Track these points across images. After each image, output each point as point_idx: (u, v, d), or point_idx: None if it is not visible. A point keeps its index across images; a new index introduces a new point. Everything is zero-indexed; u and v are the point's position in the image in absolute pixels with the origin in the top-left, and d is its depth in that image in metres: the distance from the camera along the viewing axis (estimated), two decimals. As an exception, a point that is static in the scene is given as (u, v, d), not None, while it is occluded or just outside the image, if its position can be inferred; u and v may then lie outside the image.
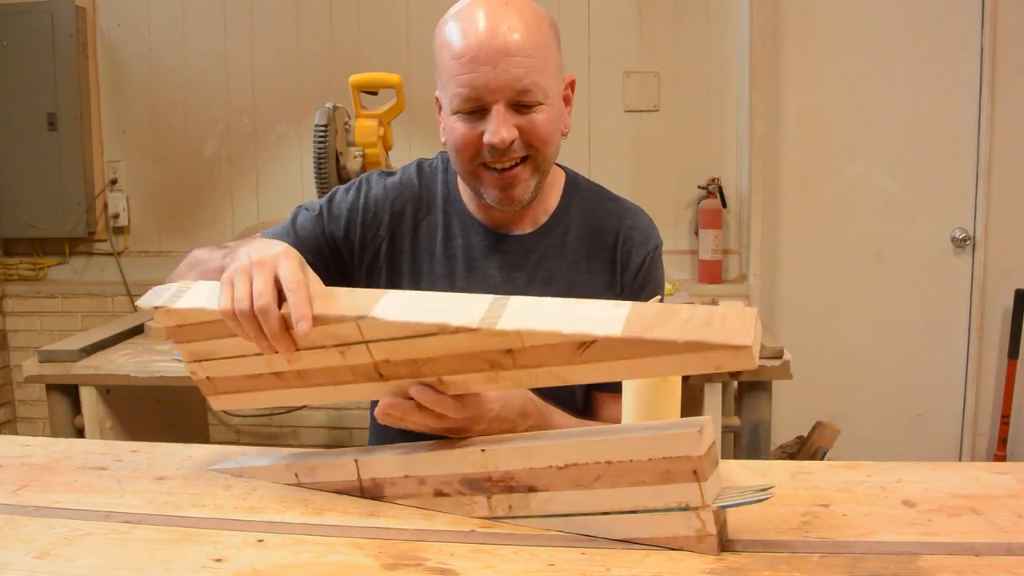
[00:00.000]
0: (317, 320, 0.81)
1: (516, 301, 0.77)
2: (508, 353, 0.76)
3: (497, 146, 1.02)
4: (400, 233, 1.16)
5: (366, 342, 0.82)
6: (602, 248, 1.16)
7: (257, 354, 0.87)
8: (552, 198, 1.17)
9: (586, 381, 0.75)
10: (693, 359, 0.69)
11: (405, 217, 1.16)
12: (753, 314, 0.69)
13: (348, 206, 1.16)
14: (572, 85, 1.14)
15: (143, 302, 0.91)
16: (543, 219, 1.16)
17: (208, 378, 0.95)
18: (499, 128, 1.01)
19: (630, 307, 0.73)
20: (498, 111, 1.01)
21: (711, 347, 0.67)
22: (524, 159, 1.05)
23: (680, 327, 0.69)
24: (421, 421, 0.86)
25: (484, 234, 1.15)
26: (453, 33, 1.03)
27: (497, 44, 0.99)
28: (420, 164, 1.22)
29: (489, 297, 0.79)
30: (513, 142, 1.02)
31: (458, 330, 0.76)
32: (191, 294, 0.90)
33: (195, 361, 0.94)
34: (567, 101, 1.12)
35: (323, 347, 0.84)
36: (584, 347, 0.72)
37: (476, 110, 1.02)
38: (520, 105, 1.02)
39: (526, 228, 1.16)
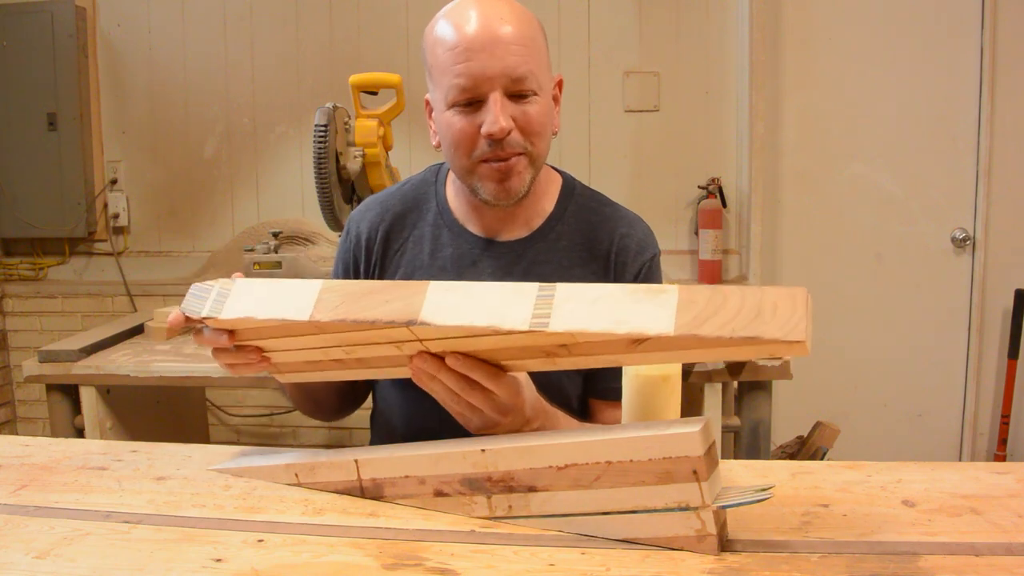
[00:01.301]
0: (367, 326, 0.81)
1: (562, 291, 0.77)
2: (563, 347, 0.77)
3: (496, 135, 1.01)
4: (387, 257, 1.18)
5: (420, 340, 0.82)
6: (596, 256, 1.14)
7: (313, 348, 0.88)
8: (547, 202, 1.16)
9: (642, 363, 0.78)
10: (746, 350, 0.69)
11: (391, 241, 1.18)
12: (803, 296, 0.69)
13: (343, 264, 1.21)
14: (560, 85, 1.14)
15: (185, 308, 0.90)
16: (537, 223, 1.15)
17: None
18: (497, 117, 1.00)
19: (678, 294, 0.72)
20: (495, 99, 1.01)
21: (765, 342, 0.68)
22: (519, 153, 1.05)
23: (731, 320, 0.69)
24: (451, 383, 0.85)
25: (474, 242, 1.15)
26: (446, 29, 1.03)
27: (492, 34, 1.00)
28: (407, 181, 1.23)
29: (533, 288, 0.78)
30: (510, 132, 1.02)
31: (510, 332, 0.76)
32: (235, 297, 0.89)
33: None
34: (556, 101, 1.12)
35: (378, 343, 0.84)
36: (638, 343, 0.72)
37: (473, 101, 1.02)
38: (516, 95, 1.02)
39: (519, 232, 1.15)
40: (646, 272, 1.15)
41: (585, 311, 0.74)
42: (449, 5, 1.06)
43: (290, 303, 0.85)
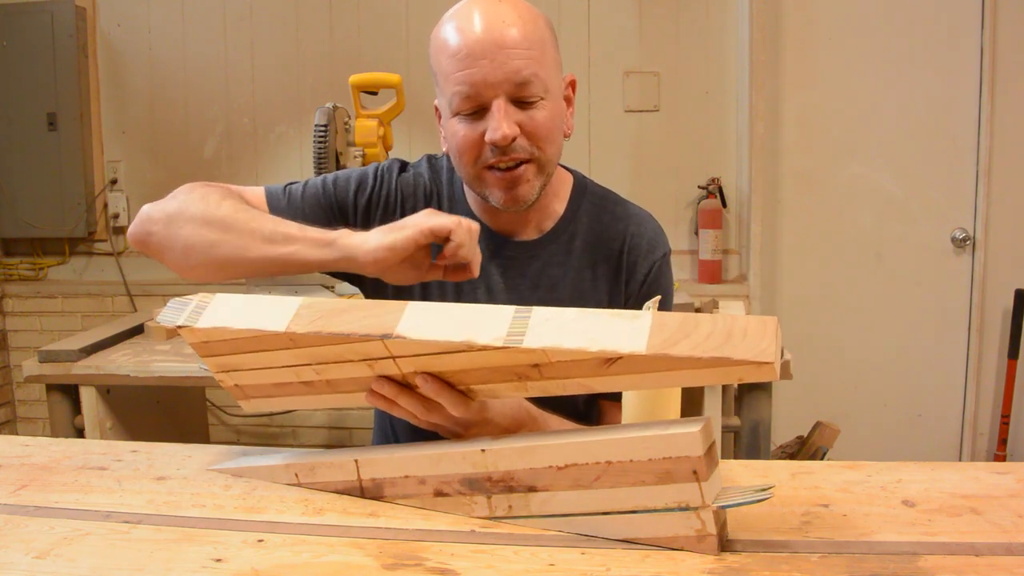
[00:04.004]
0: (341, 339, 0.81)
1: (538, 315, 0.78)
2: (535, 367, 0.77)
3: (499, 143, 0.99)
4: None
5: (393, 357, 0.82)
6: (608, 255, 1.14)
7: (284, 366, 0.88)
8: (558, 204, 1.16)
9: (611, 390, 0.77)
10: (716, 373, 0.71)
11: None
12: (773, 324, 0.71)
13: (366, 197, 1.14)
14: (573, 85, 1.12)
15: (162, 319, 0.90)
16: (548, 225, 1.15)
17: (237, 385, 0.95)
18: (500, 123, 0.99)
19: (651, 318, 0.74)
20: (499, 106, 0.99)
21: (734, 363, 0.69)
22: (526, 161, 1.03)
23: (703, 342, 0.70)
24: (411, 407, 0.85)
25: (489, 238, 1.13)
26: (449, 33, 1.01)
27: (493, 38, 0.98)
28: (430, 161, 1.20)
29: (511, 310, 0.79)
30: (515, 139, 1.00)
31: (484, 348, 0.77)
32: (212, 310, 0.89)
33: (223, 371, 0.94)
34: (568, 102, 1.11)
35: (351, 361, 0.84)
36: (610, 362, 0.73)
37: (476, 109, 1.01)
38: (520, 101, 1.00)
39: (531, 234, 1.14)
40: (656, 271, 1.15)
41: (560, 330, 0.75)
42: (454, 7, 1.04)
43: (267, 315, 0.86)
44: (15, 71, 2.93)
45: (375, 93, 2.17)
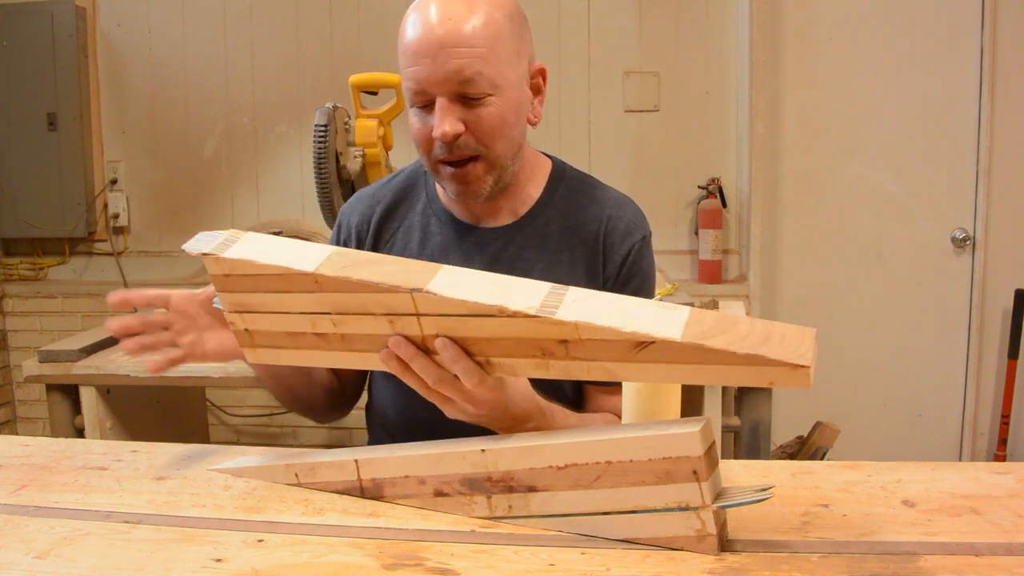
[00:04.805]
0: (370, 287, 0.80)
1: (574, 292, 0.77)
2: (562, 343, 0.76)
3: (440, 140, 1.01)
4: (378, 249, 1.18)
5: (418, 315, 0.81)
6: (585, 238, 1.13)
7: (303, 312, 0.86)
8: (534, 189, 1.16)
9: (637, 379, 0.76)
10: (748, 372, 0.70)
11: (382, 233, 1.18)
12: (811, 335, 0.70)
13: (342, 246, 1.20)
14: (543, 73, 1.11)
15: (189, 247, 0.88)
16: (523, 210, 1.15)
17: (247, 330, 0.92)
18: (441, 122, 1.00)
19: (688, 312, 0.73)
20: (441, 104, 1.00)
21: (769, 363, 0.68)
22: (475, 158, 1.04)
23: (740, 340, 0.70)
24: (424, 373, 0.84)
25: (462, 229, 1.15)
26: (406, 26, 1.03)
27: (437, 36, 0.99)
28: (398, 172, 1.23)
29: (547, 285, 0.79)
30: (459, 136, 1.01)
31: (515, 315, 0.76)
32: (242, 244, 0.87)
33: (236, 312, 0.91)
34: (536, 90, 1.11)
35: (372, 314, 0.82)
36: (641, 347, 0.72)
37: (426, 103, 1.03)
38: (466, 98, 1.01)
39: (505, 219, 1.15)
40: (635, 254, 1.13)
41: (595, 308, 0.75)
42: None
43: (297, 256, 0.84)
44: (15, 71, 2.92)
45: (375, 93, 2.17)
